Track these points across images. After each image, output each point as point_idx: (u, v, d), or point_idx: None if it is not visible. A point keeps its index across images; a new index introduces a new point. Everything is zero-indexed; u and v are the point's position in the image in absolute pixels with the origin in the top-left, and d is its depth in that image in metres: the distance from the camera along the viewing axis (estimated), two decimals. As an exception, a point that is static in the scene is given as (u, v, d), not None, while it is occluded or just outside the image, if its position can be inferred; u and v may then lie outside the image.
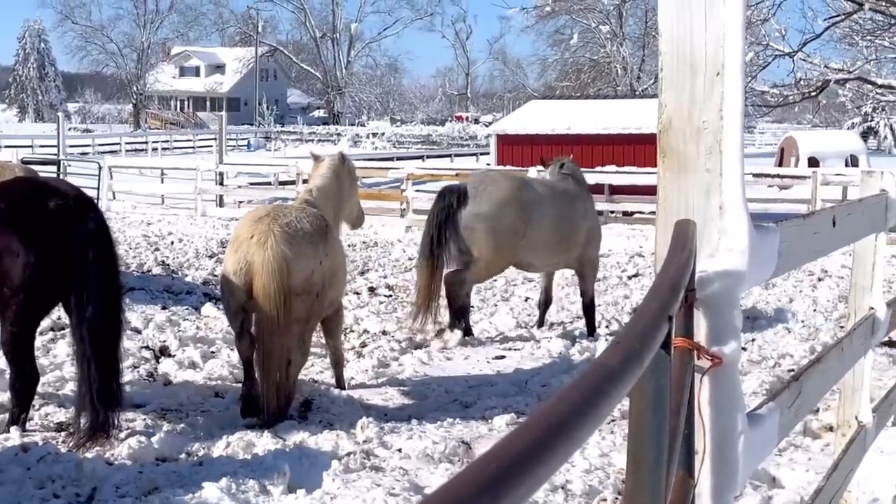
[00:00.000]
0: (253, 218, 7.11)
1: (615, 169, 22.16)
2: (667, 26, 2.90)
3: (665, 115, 2.92)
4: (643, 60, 60.06)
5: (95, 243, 6.40)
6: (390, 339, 9.97)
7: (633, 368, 1.29)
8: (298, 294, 6.93)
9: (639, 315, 1.54)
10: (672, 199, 2.90)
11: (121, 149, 53.92)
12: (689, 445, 2.60)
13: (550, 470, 1.02)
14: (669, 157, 2.91)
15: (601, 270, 15.32)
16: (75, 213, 6.41)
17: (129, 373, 8.20)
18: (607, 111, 25.42)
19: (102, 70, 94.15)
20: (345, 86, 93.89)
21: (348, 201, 8.41)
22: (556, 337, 10.11)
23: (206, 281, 13.49)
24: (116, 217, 22.77)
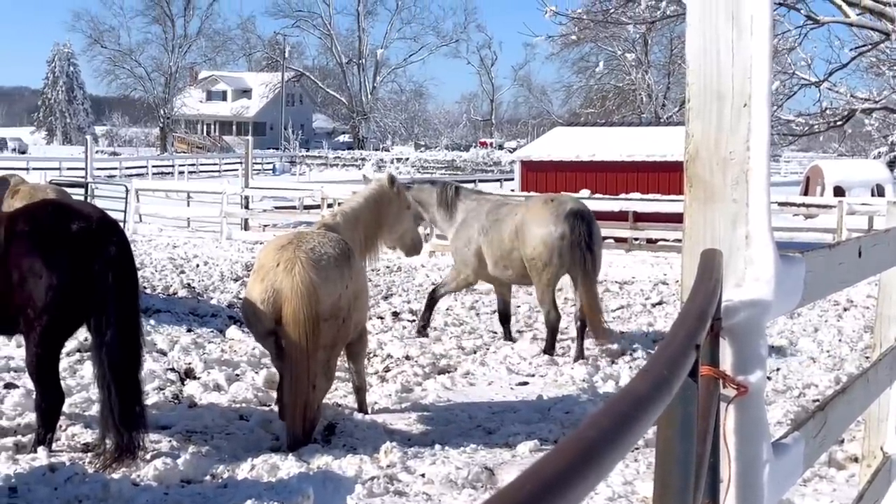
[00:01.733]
0: (277, 246, 7.14)
1: (640, 196, 22.17)
2: (694, 57, 2.93)
3: (692, 144, 2.95)
4: (668, 88, 60.11)
5: (116, 267, 6.43)
6: (414, 363, 9.99)
7: (662, 396, 1.31)
8: (326, 319, 6.97)
9: (667, 343, 1.56)
10: (698, 229, 2.92)
11: (147, 172, 54.37)
12: (714, 474, 2.61)
13: (581, 495, 1.04)
14: (696, 186, 2.93)
15: (625, 298, 15.31)
16: (98, 236, 6.45)
17: (155, 394, 8.25)
18: (632, 138, 25.43)
19: (130, 94, 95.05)
20: (370, 111, 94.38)
21: (396, 226, 8.35)
22: (580, 364, 10.10)
23: (231, 304, 13.57)
24: (143, 240, 22.95)
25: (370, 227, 8.07)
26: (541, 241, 10.58)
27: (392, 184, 8.31)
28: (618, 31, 58.09)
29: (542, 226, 10.63)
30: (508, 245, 10.87)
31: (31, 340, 6.50)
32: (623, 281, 17.36)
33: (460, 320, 13.08)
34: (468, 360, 10.31)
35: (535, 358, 10.47)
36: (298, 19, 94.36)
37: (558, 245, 10.54)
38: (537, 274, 10.67)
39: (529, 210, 10.88)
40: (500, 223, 10.98)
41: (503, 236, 10.91)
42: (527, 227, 10.71)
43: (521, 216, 10.87)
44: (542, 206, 10.84)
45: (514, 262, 10.90)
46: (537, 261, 10.62)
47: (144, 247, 21.38)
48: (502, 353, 10.69)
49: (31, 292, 6.36)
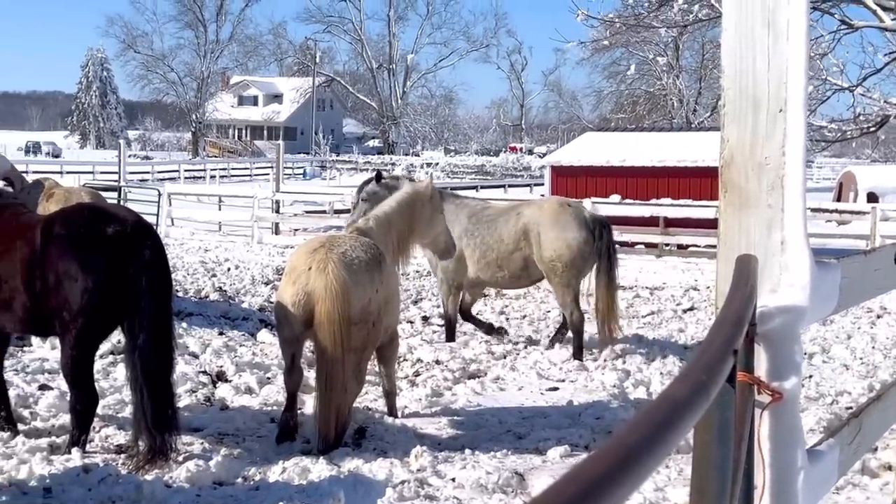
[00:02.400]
0: (308, 249, 7.17)
1: (670, 202, 22.09)
2: (729, 63, 2.93)
3: (727, 150, 2.94)
4: (699, 93, 59.84)
5: (150, 271, 6.47)
6: (444, 368, 9.99)
7: (701, 401, 1.31)
8: (356, 323, 6.98)
9: (704, 348, 1.56)
10: (733, 234, 2.91)
11: (180, 176, 54.78)
12: (748, 480, 2.60)
13: (621, 499, 1.05)
14: (731, 191, 2.93)
15: (656, 303, 15.25)
16: (133, 239, 6.49)
17: (187, 397, 8.31)
18: (663, 143, 25.34)
19: (163, 98, 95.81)
20: (400, 116, 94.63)
21: (429, 230, 8.31)
22: (610, 369, 10.07)
23: (262, 307, 13.63)
24: (175, 243, 23.11)
25: (403, 231, 8.06)
26: (564, 244, 10.83)
27: (428, 189, 8.30)
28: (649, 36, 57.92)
29: (566, 229, 10.88)
30: (510, 246, 11.06)
31: (66, 342, 6.56)
32: (654, 286, 17.29)
33: (490, 325, 13.07)
34: (498, 365, 10.31)
35: (566, 363, 10.45)
36: (329, 24, 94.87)
37: (582, 249, 10.86)
38: (557, 276, 10.89)
39: (545, 212, 11.06)
40: (493, 224, 11.09)
41: (501, 237, 11.07)
42: (545, 229, 10.91)
43: (532, 218, 11.03)
44: (562, 210, 11.11)
45: (513, 264, 11.13)
46: (557, 262, 10.85)
47: (176, 250, 21.52)
48: (532, 358, 10.68)
49: (67, 295, 6.42)
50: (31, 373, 8.94)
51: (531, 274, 11.30)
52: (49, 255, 6.47)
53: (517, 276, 11.27)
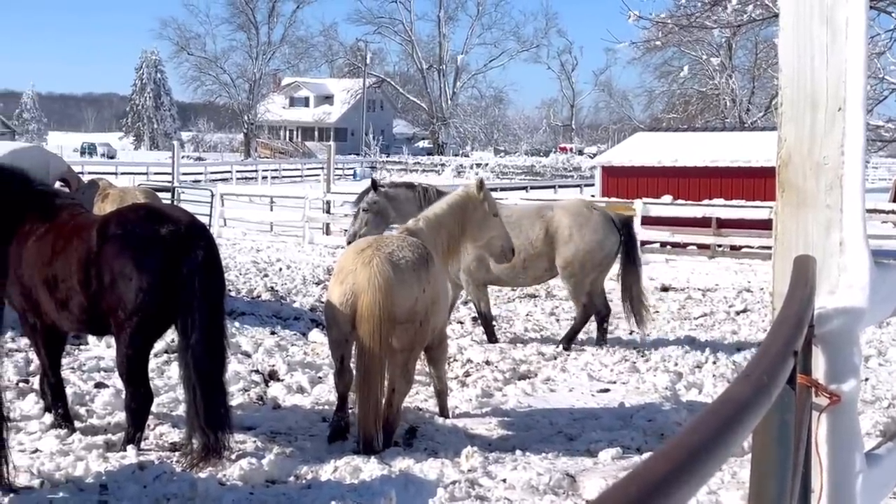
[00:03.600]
0: (357, 249, 7.22)
1: (723, 202, 21.88)
2: (787, 62, 2.89)
3: (784, 149, 2.91)
4: (752, 92, 59.20)
5: (203, 272, 6.52)
6: (494, 368, 9.99)
7: (762, 402, 1.30)
8: (402, 322, 7.00)
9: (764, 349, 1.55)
10: (791, 234, 2.88)
11: (232, 177, 55.32)
12: (805, 484, 2.57)
13: (683, 499, 1.04)
14: (788, 191, 2.89)
15: (708, 305, 15.13)
16: (187, 240, 6.55)
17: (240, 396, 8.39)
18: (715, 144, 25.12)
19: (215, 100, 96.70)
20: (450, 116, 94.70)
21: (481, 232, 8.26)
22: (662, 371, 10.01)
23: (314, 307, 13.72)
24: (227, 243, 23.33)
25: (453, 232, 8.04)
26: (597, 245, 11.31)
27: (480, 189, 8.27)
28: (702, 36, 57.44)
29: (596, 231, 11.34)
30: (540, 248, 11.35)
31: (121, 341, 6.64)
32: (706, 288, 17.15)
33: (540, 326, 13.05)
34: (548, 366, 10.29)
35: (617, 365, 10.41)
36: (380, 26, 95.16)
37: (613, 250, 11.39)
38: (582, 274, 11.32)
39: (571, 214, 11.45)
40: (518, 227, 11.20)
41: (530, 240, 11.33)
42: (573, 230, 11.30)
43: (560, 221, 11.37)
44: (589, 211, 11.56)
45: (538, 265, 11.46)
46: (586, 263, 11.29)
47: (229, 250, 21.73)
48: (583, 359, 10.65)
49: (122, 294, 6.50)
50: (87, 371, 9.08)
51: (553, 274, 11.68)
52: (105, 254, 6.56)
53: (539, 277, 11.73)
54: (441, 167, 70.97)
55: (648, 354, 10.92)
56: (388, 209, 11.00)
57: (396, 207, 10.96)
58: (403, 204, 10.93)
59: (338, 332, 7.12)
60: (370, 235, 10.89)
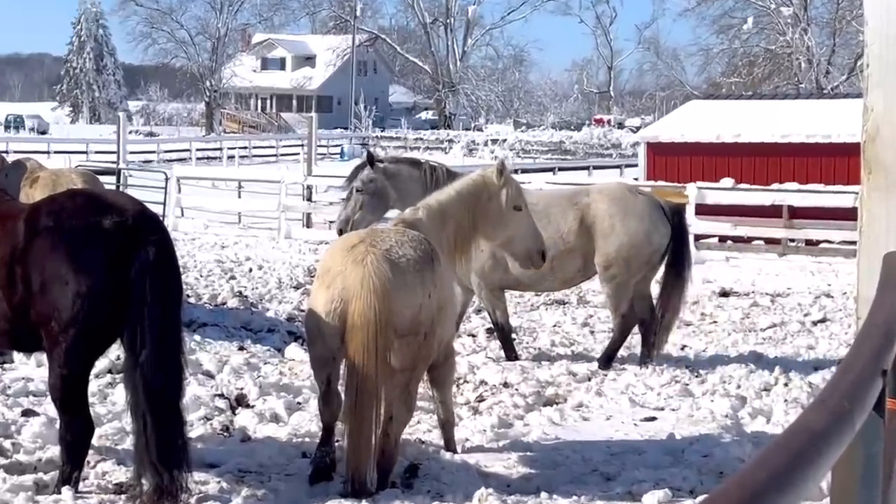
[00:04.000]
0: (345, 246, 7.17)
1: (797, 187, 21.86)
2: (873, 12, 2.88)
3: (871, 121, 2.90)
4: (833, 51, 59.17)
5: (155, 273, 6.49)
6: (513, 392, 9.99)
7: (843, 432, 1.29)
8: (403, 335, 6.99)
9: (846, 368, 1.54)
10: (879, 224, 2.86)
11: (191, 156, 55.43)
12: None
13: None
14: (876, 172, 2.88)
15: (778, 314, 15.11)
16: (135, 234, 6.52)
17: (201, 425, 8.39)
18: (787, 114, 25.08)
19: (170, 62, 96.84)
20: (459, 82, 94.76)
21: (499, 229, 8.17)
22: (721, 395, 10.00)
23: (292, 317, 13.71)
24: (185, 238, 23.35)
25: (463, 226, 7.99)
26: (644, 238, 11.22)
27: (500, 175, 8.21)
28: (769, -19, 57.43)
29: (643, 220, 11.25)
30: (573, 242, 11.24)
31: (54, 359, 6.63)
32: (775, 293, 17.13)
33: (570, 339, 13.04)
34: (581, 389, 10.29)
35: (666, 387, 10.40)
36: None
37: (663, 245, 11.32)
38: (626, 274, 11.26)
39: (612, 200, 11.33)
40: (546, 218, 10.97)
41: (561, 234, 11.19)
42: (615, 220, 11.21)
43: (599, 209, 11.28)
44: (633, 197, 11.49)
45: (570, 265, 11.36)
46: (632, 261, 11.23)
47: (187, 247, 21.74)
48: (623, 380, 10.64)
49: (56, 301, 6.49)
50: (12, 395, 9.08)
51: (587, 274, 11.66)
52: (34, 252, 6.55)
53: (570, 279, 11.67)
54: (448, 144, 71.06)
55: (704, 375, 10.90)
56: (387, 190, 10.98)
57: (398, 188, 10.95)
58: (406, 184, 10.92)
59: (323, 348, 7.11)
60: (365, 221, 10.91)
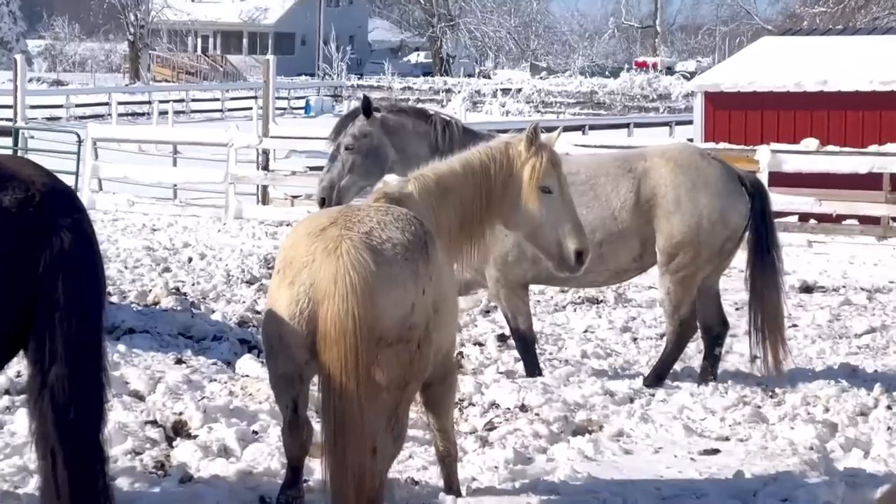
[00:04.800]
0: (313, 229, 7.09)
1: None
2: None
3: None
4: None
5: (69, 264, 6.47)
6: (534, 417, 9.97)
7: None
8: (391, 343, 6.96)
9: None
10: None
11: (111, 112, 55.18)
12: None
13: None
14: None
15: (878, 315, 15.10)
16: (43, 213, 6.50)
17: (127, 462, 8.38)
18: (891, 54, 25.03)
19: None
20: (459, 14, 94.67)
21: (524, 216, 8.00)
22: (804, 421, 10.01)
23: (244, 320, 13.70)
24: (105, 219, 23.34)
25: (469, 208, 7.93)
26: (719, 218, 11.16)
27: (531, 143, 8.05)
28: None
29: (719, 194, 11.19)
30: (628, 222, 11.17)
31: (-63, 375, 6.64)
32: (874, 288, 17.13)
33: (607, 349, 13.03)
34: (621, 414, 10.26)
35: (732, 411, 10.38)
36: None
37: (740, 227, 11.30)
38: (695, 265, 11.22)
39: (679, 167, 11.25)
40: (591, 193, 11.04)
41: (612, 211, 11.15)
42: (683, 193, 11.14)
43: (657, 177, 11.20)
44: (705, 163, 11.38)
45: (624, 251, 11.30)
46: (703, 247, 11.16)
47: (108, 230, 21.73)
48: (677, 401, 10.64)
49: (-61, 300, 6.49)
50: None
51: (644, 265, 11.58)
52: None
53: (622, 270, 11.53)
54: (446, 95, 70.98)
55: (782, 395, 10.90)
56: (385, 149, 10.91)
57: (399, 147, 10.93)
58: (410, 143, 10.93)
59: (287, 363, 7.08)
60: (355, 188, 10.82)
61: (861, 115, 23.97)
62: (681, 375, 11.65)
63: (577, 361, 12.28)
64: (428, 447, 8.58)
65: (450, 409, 8.13)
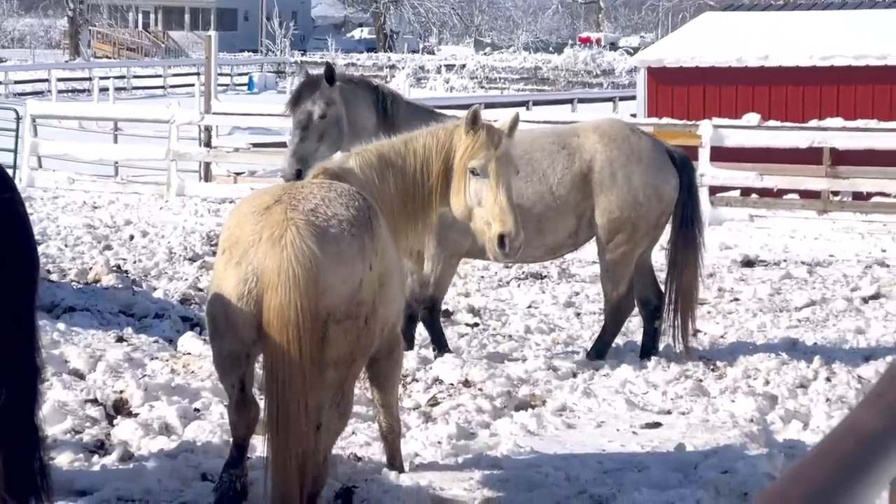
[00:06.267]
0: (255, 208, 7.07)
1: (842, 124, 21.94)
2: None
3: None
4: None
5: (2, 242, 6.45)
6: (477, 392, 10.00)
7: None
8: (339, 321, 6.95)
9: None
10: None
11: (50, 89, 54.81)
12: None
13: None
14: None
15: (818, 288, 15.21)
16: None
17: (67, 441, 8.34)
18: (830, 29, 25.14)
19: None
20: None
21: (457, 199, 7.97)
22: (745, 394, 10.07)
23: (186, 298, 13.66)
24: (45, 197, 23.21)
25: (409, 186, 7.88)
26: (654, 192, 11.34)
27: (472, 125, 7.88)
28: None
29: (651, 168, 11.37)
30: (565, 197, 11.21)
31: None
32: (814, 262, 17.23)
33: (551, 324, 13.07)
34: (564, 388, 10.30)
35: (674, 384, 10.44)
36: None
37: (672, 200, 11.47)
38: (633, 240, 11.35)
39: (613, 141, 11.35)
40: (526, 164, 10.89)
41: (550, 187, 11.18)
42: (618, 167, 11.25)
43: (592, 150, 11.29)
44: (637, 137, 11.56)
45: (561, 226, 11.34)
46: (641, 221, 11.31)
47: (48, 207, 21.59)
48: (619, 375, 10.69)
49: None
50: None
51: (578, 241, 11.67)
52: None
53: (558, 245, 11.60)
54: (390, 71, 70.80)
55: (723, 368, 10.97)
56: (342, 121, 10.91)
57: (351, 119, 10.91)
58: (360, 114, 10.92)
59: (233, 342, 7.06)
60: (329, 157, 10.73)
61: (802, 90, 24.09)
62: (623, 350, 11.69)
63: (520, 337, 12.33)
64: (371, 423, 8.60)
65: (395, 384, 8.17)
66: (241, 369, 7.17)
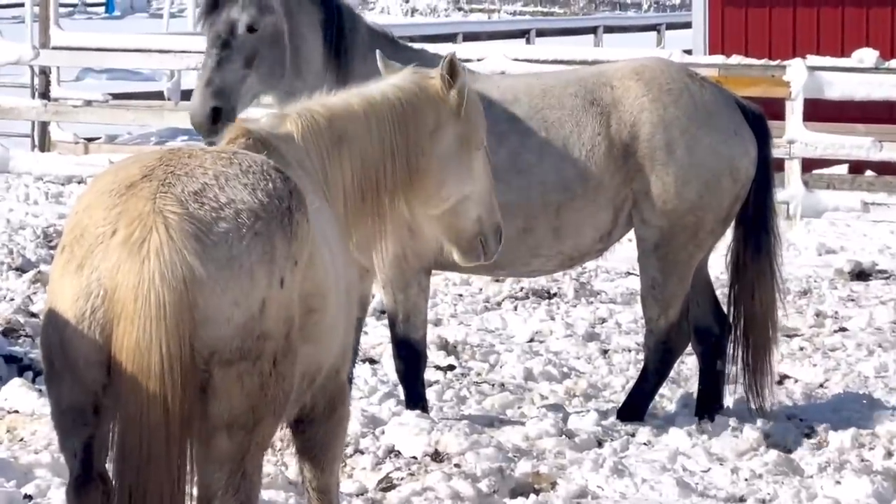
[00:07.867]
0: (114, 185, 6.98)
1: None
2: None
3: None
4: None
5: None
6: (452, 470, 10.03)
7: None
8: (230, 362, 6.91)
9: None
10: None
11: None
12: None
13: None
14: None
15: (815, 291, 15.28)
16: None
17: None
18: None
19: None
20: None
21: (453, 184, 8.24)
22: (854, 472, 10.13)
23: (13, 327, 13.66)
24: None
25: (370, 168, 7.96)
26: (728, 167, 11.29)
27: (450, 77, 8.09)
28: None
29: (723, 134, 11.31)
30: (597, 179, 11.20)
31: None
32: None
33: (564, 365, 13.10)
34: (585, 463, 10.32)
35: (749, 458, 10.49)
36: None
37: (751, 177, 11.42)
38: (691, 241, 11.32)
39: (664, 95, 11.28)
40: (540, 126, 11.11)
41: (570, 158, 11.17)
42: (674, 134, 11.22)
43: (637, 106, 11.24)
44: (698, 88, 11.47)
45: (590, 221, 11.30)
46: (707, 213, 11.27)
47: None
48: (666, 444, 10.74)
49: None
50: None
51: (608, 245, 11.68)
52: None
53: (581, 254, 11.67)
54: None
55: (822, 433, 11.02)
56: (283, 38, 10.89)
57: (294, 44, 10.91)
58: (306, 38, 10.99)
59: (74, 388, 7.04)
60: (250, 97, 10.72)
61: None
62: (673, 406, 11.73)
63: (517, 386, 12.34)
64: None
65: (336, 458, 8.15)
66: (85, 429, 7.08)
